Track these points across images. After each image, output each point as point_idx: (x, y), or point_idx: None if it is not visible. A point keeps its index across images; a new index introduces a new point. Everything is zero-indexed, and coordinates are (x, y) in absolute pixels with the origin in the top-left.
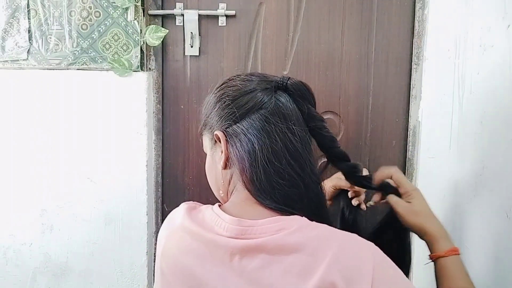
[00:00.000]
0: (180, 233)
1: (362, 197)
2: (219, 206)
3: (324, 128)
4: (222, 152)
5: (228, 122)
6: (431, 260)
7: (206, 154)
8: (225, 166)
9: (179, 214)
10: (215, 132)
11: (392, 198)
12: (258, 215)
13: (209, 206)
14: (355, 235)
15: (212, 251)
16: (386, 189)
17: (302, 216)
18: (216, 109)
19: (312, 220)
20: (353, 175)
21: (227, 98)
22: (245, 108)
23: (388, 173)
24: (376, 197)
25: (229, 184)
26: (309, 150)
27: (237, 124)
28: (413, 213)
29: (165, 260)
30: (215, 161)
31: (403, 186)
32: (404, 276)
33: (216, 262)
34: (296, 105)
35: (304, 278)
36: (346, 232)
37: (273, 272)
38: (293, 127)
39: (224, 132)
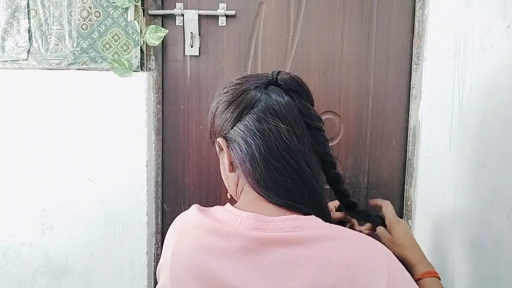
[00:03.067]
0: (193, 230)
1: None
2: (231, 204)
3: (317, 128)
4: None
5: (226, 127)
6: None
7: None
8: (231, 170)
9: (190, 214)
10: (217, 139)
11: (379, 229)
12: (271, 213)
13: (219, 206)
14: (370, 237)
15: (228, 245)
16: (371, 218)
17: (316, 217)
18: (215, 116)
19: (315, 215)
20: (337, 187)
21: (222, 105)
22: (238, 111)
23: (380, 203)
24: (367, 226)
25: (237, 185)
26: (306, 144)
27: (234, 128)
28: (393, 244)
29: (176, 260)
30: (224, 166)
31: (388, 218)
32: (412, 279)
33: (232, 257)
34: (290, 97)
35: (321, 273)
36: (362, 234)
37: (291, 267)
38: (285, 122)
39: (225, 137)
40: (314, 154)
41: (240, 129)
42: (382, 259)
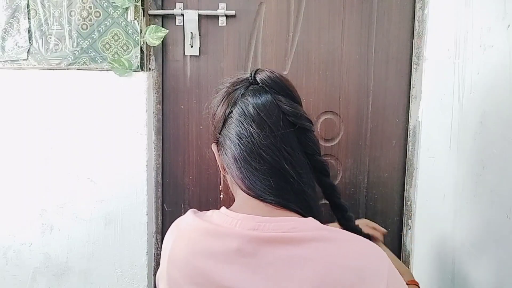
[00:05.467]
0: (188, 234)
1: None
2: (226, 208)
3: (300, 127)
4: None
5: (215, 134)
6: None
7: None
8: (225, 172)
9: (186, 218)
10: (211, 145)
11: None
12: (267, 213)
13: (215, 210)
14: (369, 241)
15: (224, 247)
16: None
17: (314, 219)
18: (210, 124)
19: (304, 213)
20: (332, 200)
21: (212, 111)
22: (222, 116)
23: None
24: None
25: (233, 187)
26: (289, 142)
27: (220, 134)
28: None
29: (173, 265)
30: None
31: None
32: (405, 284)
33: (228, 259)
34: (269, 96)
35: (320, 274)
36: (363, 238)
37: (288, 268)
38: (260, 123)
39: (217, 142)
40: (301, 153)
41: (225, 134)
42: (383, 262)
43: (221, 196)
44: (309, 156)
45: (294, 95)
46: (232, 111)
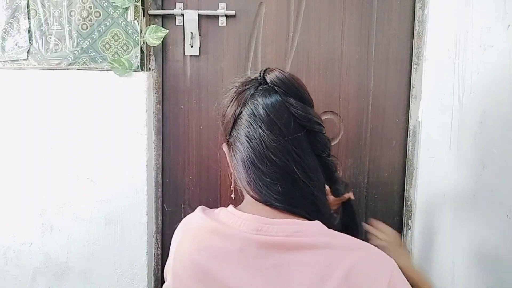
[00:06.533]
0: (195, 232)
1: None
2: (234, 207)
3: (309, 129)
4: None
5: (226, 135)
6: None
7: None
8: (235, 172)
9: (194, 215)
10: (222, 145)
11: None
12: (273, 215)
13: (223, 208)
14: (374, 248)
15: (228, 246)
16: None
17: (319, 221)
18: (220, 125)
19: (311, 217)
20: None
21: (221, 112)
22: (229, 117)
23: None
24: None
25: (241, 187)
26: (299, 144)
27: (230, 135)
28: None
29: (178, 260)
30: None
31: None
32: None
33: (231, 259)
34: (278, 96)
35: (318, 280)
36: (366, 243)
37: (287, 272)
38: (270, 124)
39: (227, 144)
40: (311, 154)
41: (234, 136)
42: (384, 268)
43: (232, 195)
44: (318, 157)
45: (304, 95)
46: (241, 112)
